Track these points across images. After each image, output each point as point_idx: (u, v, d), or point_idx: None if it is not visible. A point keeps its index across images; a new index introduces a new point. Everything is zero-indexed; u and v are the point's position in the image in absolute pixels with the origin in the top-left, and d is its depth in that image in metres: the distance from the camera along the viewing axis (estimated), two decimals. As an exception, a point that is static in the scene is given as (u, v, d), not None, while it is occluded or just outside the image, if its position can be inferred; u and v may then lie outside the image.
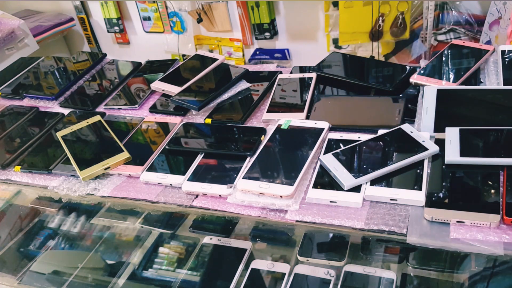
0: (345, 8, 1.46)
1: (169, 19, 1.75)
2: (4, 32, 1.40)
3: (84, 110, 1.05)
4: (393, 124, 0.79)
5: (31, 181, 0.86)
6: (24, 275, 0.99)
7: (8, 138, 0.99)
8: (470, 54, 0.92)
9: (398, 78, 0.92)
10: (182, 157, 0.84)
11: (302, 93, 0.95)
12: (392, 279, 0.80)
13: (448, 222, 0.61)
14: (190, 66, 1.10)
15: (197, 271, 0.93)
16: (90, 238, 1.08)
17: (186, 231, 1.03)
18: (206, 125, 0.91)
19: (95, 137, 0.91)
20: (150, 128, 0.94)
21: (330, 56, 1.05)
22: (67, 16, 1.87)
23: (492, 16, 1.30)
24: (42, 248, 1.07)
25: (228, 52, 1.75)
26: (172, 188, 0.78)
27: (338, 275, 0.83)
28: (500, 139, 0.70)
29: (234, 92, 0.98)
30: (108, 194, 0.79)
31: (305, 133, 0.80)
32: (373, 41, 1.49)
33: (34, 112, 1.07)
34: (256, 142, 0.82)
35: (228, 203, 0.72)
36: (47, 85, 1.16)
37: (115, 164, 0.83)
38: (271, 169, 0.74)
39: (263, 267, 0.89)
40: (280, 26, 1.64)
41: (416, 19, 1.43)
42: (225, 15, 1.66)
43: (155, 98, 1.04)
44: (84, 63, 1.22)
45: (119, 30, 1.86)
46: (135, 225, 1.08)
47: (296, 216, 0.67)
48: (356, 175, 0.69)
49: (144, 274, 0.96)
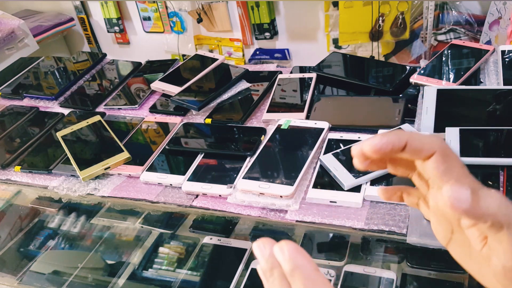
0: (345, 8, 1.46)
1: (169, 19, 1.75)
2: (4, 32, 1.40)
3: (84, 110, 1.05)
4: (393, 124, 0.79)
5: (31, 181, 0.86)
6: (24, 275, 0.99)
7: (8, 138, 0.99)
8: (470, 54, 0.92)
9: (398, 78, 0.92)
10: (182, 157, 0.84)
11: (302, 93, 0.95)
12: (392, 279, 0.80)
13: (448, 222, 0.61)
14: (190, 66, 1.10)
15: (197, 271, 0.93)
16: (90, 238, 1.08)
17: (186, 231, 1.03)
18: (206, 125, 0.91)
19: (95, 137, 0.91)
20: (150, 128, 0.94)
21: (330, 56, 1.05)
22: (67, 16, 1.87)
23: (492, 16, 1.30)
24: (42, 248, 1.07)
25: (228, 52, 1.75)
26: (172, 188, 0.78)
27: (338, 275, 0.83)
28: (500, 139, 0.70)
29: (234, 92, 0.98)
30: (108, 194, 0.79)
31: (305, 133, 0.80)
32: (373, 41, 1.48)
33: (34, 112, 1.07)
34: (256, 142, 0.82)
35: (228, 203, 0.72)
36: (47, 85, 1.16)
37: (115, 164, 0.82)
38: (271, 169, 0.74)
39: (263, 267, 0.89)
40: (280, 26, 1.64)
41: (416, 19, 1.43)
42: (225, 15, 1.66)
43: (155, 98, 1.04)
44: (84, 63, 1.22)
45: (119, 30, 1.86)
46: (135, 225, 1.08)
47: (296, 216, 0.67)
48: (356, 175, 0.69)
49: (144, 274, 0.96)
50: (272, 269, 0.32)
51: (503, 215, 0.30)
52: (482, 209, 0.30)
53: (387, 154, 0.33)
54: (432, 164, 0.32)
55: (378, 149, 0.32)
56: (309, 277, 0.31)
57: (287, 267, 0.31)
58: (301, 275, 0.31)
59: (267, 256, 0.33)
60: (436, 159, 0.32)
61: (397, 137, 0.32)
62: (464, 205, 0.29)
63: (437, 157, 0.32)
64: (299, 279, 0.31)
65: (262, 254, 0.33)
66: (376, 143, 0.32)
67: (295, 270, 0.31)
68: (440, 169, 0.32)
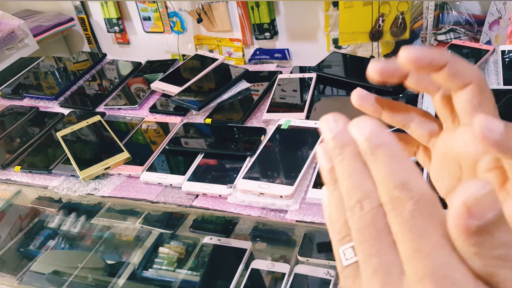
0: (345, 8, 1.46)
1: (169, 19, 1.75)
2: (4, 32, 1.40)
3: (84, 110, 1.05)
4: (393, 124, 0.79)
5: (31, 181, 0.86)
6: (24, 275, 0.99)
7: (8, 138, 0.99)
8: (470, 54, 0.92)
9: (398, 78, 0.92)
10: (182, 157, 0.84)
11: (302, 93, 0.95)
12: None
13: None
14: (190, 66, 1.10)
15: (197, 271, 0.93)
16: (90, 238, 1.08)
17: (186, 231, 1.03)
18: (206, 125, 0.91)
19: (95, 137, 0.91)
20: (150, 128, 0.94)
21: (330, 56, 1.05)
22: (67, 16, 1.87)
23: (492, 16, 1.30)
24: (42, 248, 1.07)
25: (228, 52, 1.75)
26: (172, 188, 0.78)
27: (338, 275, 0.83)
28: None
29: (234, 92, 0.98)
30: (108, 194, 0.79)
31: (305, 133, 0.80)
32: (373, 41, 1.48)
33: (34, 112, 1.07)
34: (256, 142, 0.82)
35: (228, 203, 0.72)
36: (47, 85, 1.16)
37: (115, 164, 0.82)
38: (271, 169, 0.74)
39: (263, 267, 0.89)
40: (280, 26, 1.64)
41: (416, 19, 1.43)
42: (225, 15, 1.66)
43: (155, 98, 1.04)
44: (84, 63, 1.22)
45: (119, 30, 1.86)
46: (135, 225, 1.08)
47: (296, 216, 0.67)
48: (356, 175, 0.69)
49: (144, 274, 0.96)
50: (343, 147, 0.25)
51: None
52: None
53: (422, 67, 0.29)
54: (466, 95, 0.29)
55: (417, 58, 0.28)
56: (394, 157, 0.23)
57: (366, 145, 0.24)
58: (385, 154, 0.23)
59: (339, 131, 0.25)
60: (472, 90, 0.29)
61: (438, 53, 0.28)
62: (496, 136, 0.25)
63: (473, 88, 0.29)
64: (382, 159, 0.23)
65: (330, 129, 0.25)
66: (416, 51, 0.28)
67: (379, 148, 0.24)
68: (474, 102, 0.29)
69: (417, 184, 0.22)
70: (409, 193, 0.22)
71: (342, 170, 0.25)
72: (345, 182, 0.25)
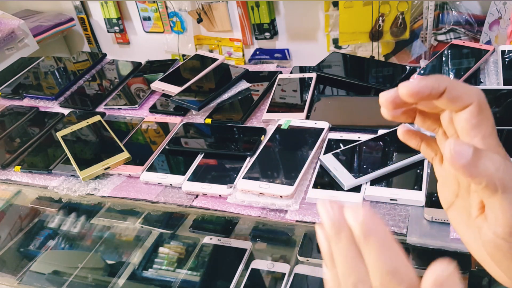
0: (345, 8, 1.46)
1: (169, 19, 1.75)
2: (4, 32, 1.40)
3: (84, 110, 1.05)
4: (393, 124, 0.79)
5: (31, 181, 0.86)
6: (24, 275, 0.99)
7: (8, 138, 0.99)
8: (470, 54, 0.92)
9: (398, 78, 0.92)
10: (182, 157, 0.84)
11: (302, 93, 0.95)
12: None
13: (448, 222, 0.61)
14: (190, 66, 1.10)
15: (197, 271, 0.93)
16: (90, 238, 1.08)
17: (186, 231, 1.03)
18: (206, 125, 0.91)
19: (95, 137, 0.91)
20: (150, 128, 0.94)
21: (330, 56, 1.05)
22: (67, 16, 1.87)
23: (492, 16, 1.30)
24: (42, 248, 1.07)
25: (228, 52, 1.75)
26: (172, 188, 0.78)
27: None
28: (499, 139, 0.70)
29: (234, 92, 0.98)
30: (108, 194, 0.79)
31: (305, 133, 0.80)
32: (373, 41, 1.48)
33: (34, 112, 1.07)
34: (256, 142, 0.82)
35: (228, 203, 0.72)
36: (47, 85, 1.16)
37: (115, 164, 0.83)
38: (271, 169, 0.74)
39: (263, 267, 0.89)
40: (280, 26, 1.64)
41: (416, 19, 1.43)
42: (225, 15, 1.66)
43: (155, 98, 1.04)
44: (84, 63, 1.22)
45: (119, 30, 1.86)
46: (135, 225, 1.08)
47: (296, 216, 0.67)
48: (356, 175, 0.69)
49: (144, 274, 0.96)
50: (339, 233, 0.28)
51: (499, 178, 0.28)
52: (479, 168, 0.28)
53: (423, 99, 0.30)
54: (465, 115, 0.30)
55: (416, 92, 0.30)
56: (385, 245, 0.27)
57: (360, 232, 0.27)
58: (377, 242, 0.27)
59: (335, 218, 0.29)
60: (471, 111, 0.30)
61: (436, 81, 0.30)
62: (462, 161, 0.28)
63: (472, 109, 0.30)
64: (374, 246, 0.27)
65: (328, 215, 0.29)
66: (414, 85, 0.30)
67: (371, 236, 0.27)
68: (472, 122, 0.30)
69: (406, 270, 0.27)
70: (399, 279, 0.26)
71: (339, 253, 0.29)
72: (341, 265, 0.29)
